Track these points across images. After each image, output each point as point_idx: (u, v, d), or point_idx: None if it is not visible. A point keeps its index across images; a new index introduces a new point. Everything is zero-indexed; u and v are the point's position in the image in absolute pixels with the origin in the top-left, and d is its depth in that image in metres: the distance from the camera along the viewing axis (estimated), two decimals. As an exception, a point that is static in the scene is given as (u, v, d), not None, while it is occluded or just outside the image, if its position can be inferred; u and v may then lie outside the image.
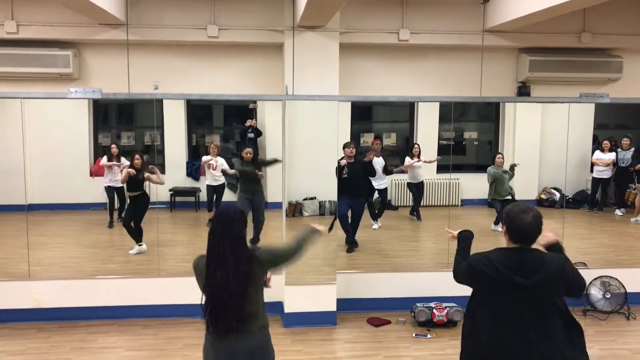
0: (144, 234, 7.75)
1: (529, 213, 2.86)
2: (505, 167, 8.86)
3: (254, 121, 10.41)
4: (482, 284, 2.91)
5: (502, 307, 2.84)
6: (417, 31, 8.94)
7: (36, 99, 8.49)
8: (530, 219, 2.84)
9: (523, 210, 2.87)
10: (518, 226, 2.85)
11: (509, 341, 2.82)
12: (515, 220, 2.86)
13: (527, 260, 2.83)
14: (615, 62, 9.82)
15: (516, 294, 2.80)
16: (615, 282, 6.27)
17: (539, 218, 2.88)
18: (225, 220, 3.02)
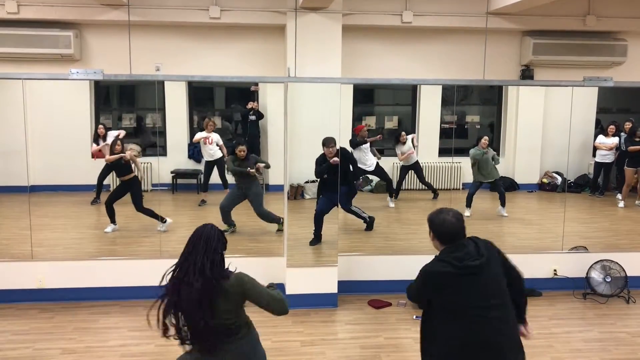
0: (150, 215, 7.77)
1: (449, 213, 3.06)
2: (491, 151, 8.82)
3: (255, 103, 10.38)
4: (440, 287, 2.96)
5: (468, 300, 2.91)
6: (421, 13, 8.88)
7: (37, 80, 8.50)
8: (451, 217, 3.03)
9: (441, 211, 3.08)
10: (442, 227, 3.02)
11: (486, 332, 2.91)
12: (436, 221, 3.05)
13: (466, 248, 2.97)
14: (619, 46, 9.75)
15: (475, 281, 2.91)
16: (616, 266, 6.29)
17: (459, 215, 3.08)
18: (200, 237, 2.97)
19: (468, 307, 2.90)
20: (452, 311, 2.94)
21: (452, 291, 2.93)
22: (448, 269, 2.94)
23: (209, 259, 2.91)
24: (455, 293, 2.92)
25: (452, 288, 2.93)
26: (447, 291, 2.94)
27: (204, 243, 2.94)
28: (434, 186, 9.95)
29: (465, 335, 2.90)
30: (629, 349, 5.14)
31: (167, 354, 4.89)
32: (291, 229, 6.07)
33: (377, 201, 9.38)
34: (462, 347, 2.91)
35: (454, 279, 2.92)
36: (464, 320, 2.91)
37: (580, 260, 6.44)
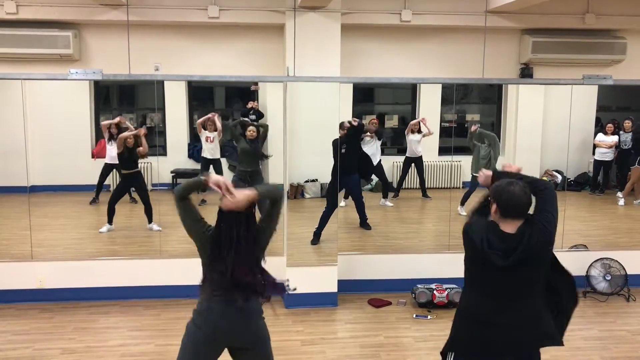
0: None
1: (516, 185, 2.88)
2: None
3: (255, 103, 10.37)
4: (470, 251, 2.95)
5: (493, 282, 2.90)
6: (420, 12, 8.86)
7: (37, 80, 8.49)
8: (518, 190, 2.86)
9: (509, 183, 2.90)
10: (508, 197, 2.86)
11: (496, 315, 2.90)
12: (503, 193, 2.87)
13: (509, 240, 2.87)
14: (618, 44, 9.73)
15: (497, 273, 2.87)
16: (616, 264, 6.29)
17: (527, 188, 2.90)
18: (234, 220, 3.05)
19: (488, 283, 2.89)
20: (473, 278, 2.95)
21: (477, 259, 2.90)
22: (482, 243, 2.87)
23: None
24: (480, 262, 2.89)
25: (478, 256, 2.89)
26: (475, 254, 2.90)
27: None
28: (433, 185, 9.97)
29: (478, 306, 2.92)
30: (629, 347, 5.14)
31: (166, 353, 4.89)
32: (291, 228, 6.07)
33: (377, 200, 9.37)
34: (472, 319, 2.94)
35: (483, 253, 2.87)
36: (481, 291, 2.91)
37: (580, 259, 6.44)
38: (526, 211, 2.90)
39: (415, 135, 9.52)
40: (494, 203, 2.92)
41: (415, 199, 9.92)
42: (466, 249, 2.99)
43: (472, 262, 2.96)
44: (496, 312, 2.89)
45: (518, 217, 2.88)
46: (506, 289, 2.89)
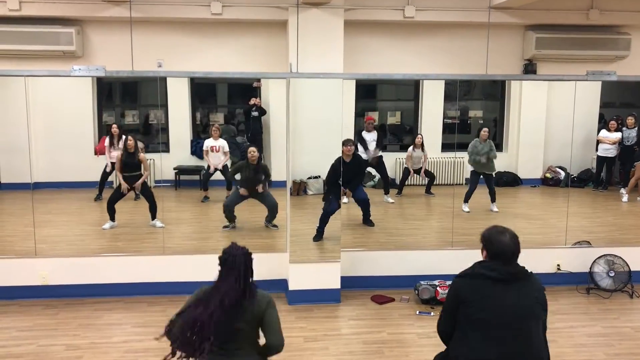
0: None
1: (506, 234, 2.94)
2: (492, 141, 8.83)
3: (258, 100, 10.38)
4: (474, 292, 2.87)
5: (498, 315, 2.83)
6: (423, 8, 8.85)
7: (40, 77, 8.49)
8: (507, 239, 2.92)
9: (500, 232, 2.96)
10: (498, 248, 2.91)
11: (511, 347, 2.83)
12: (494, 242, 2.93)
13: (514, 270, 2.90)
14: (622, 40, 9.70)
15: (512, 291, 2.85)
16: (619, 260, 6.28)
17: (516, 238, 2.96)
18: (230, 269, 3.05)
19: (493, 320, 2.83)
20: (471, 323, 2.86)
21: (480, 302, 2.85)
22: (480, 272, 2.89)
23: (242, 282, 3.05)
24: (483, 303, 2.85)
25: (481, 298, 2.85)
26: (475, 301, 2.86)
27: (236, 272, 3.05)
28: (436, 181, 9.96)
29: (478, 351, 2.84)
30: (633, 343, 5.13)
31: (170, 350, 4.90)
32: (294, 225, 6.07)
33: (380, 196, 9.37)
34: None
35: (484, 285, 2.86)
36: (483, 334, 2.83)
37: (584, 255, 6.43)
38: (515, 259, 2.94)
39: (418, 151, 9.50)
40: (483, 249, 2.99)
41: (418, 196, 9.91)
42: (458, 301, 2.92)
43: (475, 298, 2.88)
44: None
45: (508, 264, 2.92)
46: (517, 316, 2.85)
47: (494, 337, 2.82)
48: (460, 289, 2.93)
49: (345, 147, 6.92)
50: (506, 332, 2.81)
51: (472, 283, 2.90)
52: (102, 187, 9.19)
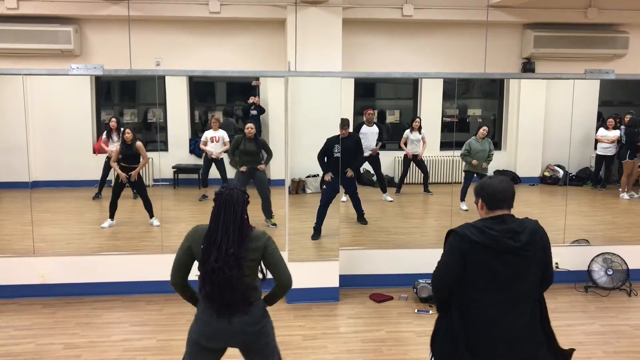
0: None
1: (496, 178, 2.93)
2: (490, 139, 8.77)
3: (256, 98, 10.37)
4: (472, 258, 2.79)
5: (496, 282, 2.78)
6: (421, 6, 8.85)
7: (38, 76, 8.48)
8: (499, 182, 2.88)
9: (490, 178, 2.95)
10: (491, 189, 2.86)
11: (509, 318, 2.80)
12: (485, 186, 2.89)
13: (511, 225, 2.82)
14: (620, 38, 9.71)
15: (509, 261, 2.77)
16: (617, 258, 6.29)
17: (509, 180, 2.93)
18: (226, 202, 2.99)
19: (487, 291, 2.78)
20: (467, 292, 2.81)
21: (475, 267, 2.78)
22: (478, 239, 2.77)
23: (237, 224, 2.99)
24: (477, 270, 2.78)
25: (475, 263, 2.78)
26: (470, 266, 2.79)
27: (231, 208, 2.99)
28: (435, 180, 9.97)
29: (477, 323, 2.80)
30: (631, 341, 5.14)
31: (169, 348, 4.91)
32: (292, 223, 6.07)
33: (377, 195, 9.38)
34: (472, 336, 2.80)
35: (482, 252, 2.77)
36: (480, 306, 2.79)
37: (582, 253, 6.44)
38: (511, 200, 2.88)
39: (415, 134, 9.49)
40: (478, 199, 2.93)
41: (416, 194, 9.92)
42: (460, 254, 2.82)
43: (475, 265, 2.80)
44: (503, 312, 2.80)
45: (506, 207, 2.87)
46: (515, 285, 2.79)
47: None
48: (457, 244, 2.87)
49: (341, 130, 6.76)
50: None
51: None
52: (102, 186, 9.17)
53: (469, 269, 2.81)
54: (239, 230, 2.98)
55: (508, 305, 2.80)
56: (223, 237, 2.96)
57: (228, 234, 2.96)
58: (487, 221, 2.85)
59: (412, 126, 9.57)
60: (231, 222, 2.97)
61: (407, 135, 9.56)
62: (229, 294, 2.97)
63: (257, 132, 8.11)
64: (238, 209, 3.00)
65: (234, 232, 2.97)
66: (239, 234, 2.98)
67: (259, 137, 7.93)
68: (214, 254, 2.95)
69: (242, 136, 7.80)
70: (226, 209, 2.98)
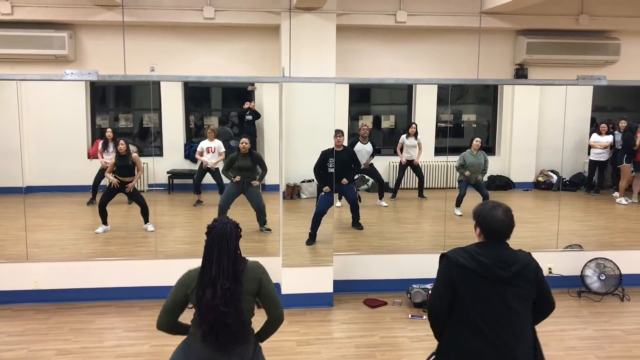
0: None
1: (499, 209, 2.86)
2: (484, 151, 8.81)
3: (252, 103, 10.39)
4: (461, 282, 2.81)
5: (485, 307, 2.78)
6: (414, 13, 8.91)
7: (32, 81, 8.47)
8: (501, 213, 2.84)
9: (493, 207, 2.88)
10: (491, 222, 2.84)
11: (495, 347, 2.79)
12: (487, 217, 2.85)
13: (505, 254, 2.82)
14: (612, 45, 9.79)
15: (498, 289, 2.77)
16: (610, 264, 6.31)
17: (510, 212, 2.88)
18: (220, 237, 2.93)
19: (475, 319, 2.78)
20: (460, 315, 2.81)
21: (463, 292, 2.79)
22: (470, 265, 2.78)
23: (231, 259, 2.93)
24: (466, 295, 2.78)
25: (464, 288, 2.79)
26: (466, 287, 2.78)
27: (225, 243, 2.93)
28: (429, 185, 10.00)
29: (469, 347, 2.80)
30: (624, 346, 5.16)
31: (162, 354, 4.90)
32: (287, 229, 6.07)
33: (374, 200, 9.40)
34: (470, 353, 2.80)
35: (471, 278, 2.78)
36: (471, 330, 2.78)
37: (575, 259, 6.46)
38: (509, 234, 2.87)
39: (412, 139, 9.52)
40: (477, 227, 2.92)
41: (411, 199, 9.94)
42: (449, 280, 2.84)
43: (464, 290, 2.81)
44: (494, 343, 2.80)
45: (502, 240, 2.87)
46: (505, 313, 2.79)
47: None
48: (449, 268, 2.87)
49: (334, 138, 6.81)
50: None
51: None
52: (95, 191, 9.15)
53: (458, 293, 2.82)
54: (233, 265, 2.92)
55: (498, 332, 2.79)
56: (217, 273, 2.89)
57: (222, 269, 2.89)
58: (479, 246, 2.86)
59: (408, 132, 9.59)
60: (225, 256, 2.91)
61: (402, 140, 9.58)
62: (226, 332, 2.91)
63: (252, 144, 8.02)
64: (232, 244, 2.93)
65: (228, 267, 2.90)
66: (232, 269, 2.92)
67: (253, 152, 7.83)
68: (209, 291, 2.89)
69: (237, 153, 7.71)
70: (219, 244, 2.92)
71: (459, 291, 2.82)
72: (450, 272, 2.84)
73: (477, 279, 2.78)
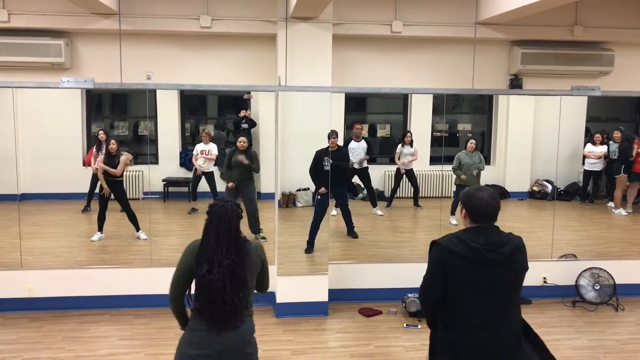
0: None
1: (484, 191, 2.89)
2: (480, 153, 8.81)
3: (248, 112, 10.41)
4: (452, 269, 2.80)
5: (477, 292, 2.79)
6: (410, 23, 8.96)
7: (28, 89, 8.49)
8: (486, 195, 2.86)
9: (478, 189, 2.91)
10: (476, 203, 2.85)
11: (493, 329, 2.82)
12: (472, 198, 2.87)
13: (494, 237, 2.83)
14: (606, 55, 9.86)
15: (490, 273, 2.78)
16: (605, 273, 6.33)
17: (495, 194, 2.90)
18: (220, 214, 2.94)
19: (468, 304, 2.80)
20: (452, 302, 2.82)
21: (454, 278, 2.79)
22: (461, 251, 2.77)
23: (232, 237, 2.95)
24: (457, 281, 2.78)
25: (454, 274, 2.79)
26: (457, 273, 2.78)
27: (226, 221, 2.94)
28: (424, 194, 10.01)
29: (461, 336, 2.82)
30: (618, 356, 5.17)
31: None
32: (282, 237, 6.07)
33: (368, 208, 9.41)
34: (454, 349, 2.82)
35: (461, 263, 2.77)
36: (464, 316, 2.80)
37: (570, 268, 6.48)
38: (495, 215, 2.88)
39: (408, 148, 9.54)
40: (463, 208, 2.92)
41: (406, 208, 9.95)
42: (439, 265, 2.84)
43: (454, 276, 2.81)
44: (488, 318, 2.83)
45: (487, 221, 2.87)
46: (496, 294, 2.81)
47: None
48: (440, 254, 2.87)
49: (330, 140, 6.81)
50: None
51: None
52: (90, 198, 9.12)
53: (449, 280, 2.82)
54: (234, 243, 2.94)
55: (490, 314, 2.81)
56: (216, 249, 2.90)
57: (221, 246, 2.91)
58: (469, 232, 2.85)
59: (403, 141, 9.61)
60: (225, 234, 2.93)
61: (399, 150, 9.61)
62: (221, 308, 2.92)
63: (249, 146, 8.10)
64: (232, 222, 2.96)
65: (228, 245, 2.92)
66: (234, 247, 2.94)
67: (251, 150, 7.93)
68: (205, 266, 2.90)
69: (235, 149, 7.78)
70: (219, 221, 2.93)
71: (449, 277, 2.82)
72: (441, 258, 2.83)
73: (468, 264, 2.78)
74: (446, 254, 2.82)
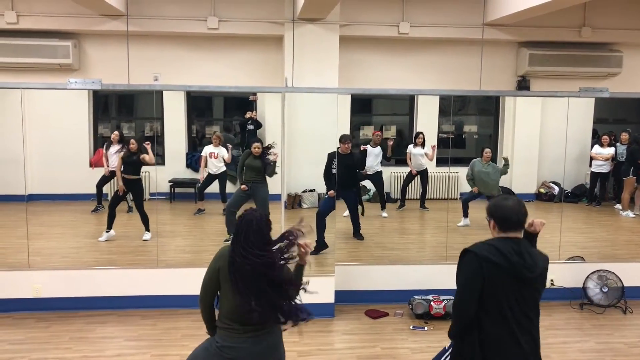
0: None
1: (509, 199, 2.91)
2: (495, 164, 8.71)
3: (254, 113, 10.42)
4: (491, 280, 2.76)
5: (508, 304, 2.77)
6: (417, 24, 8.95)
7: (36, 90, 8.52)
8: (512, 203, 2.87)
9: (504, 198, 2.93)
10: (503, 212, 2.85)
11: (518, 343, 2.80)
12: (499, 207, 2.88)
13: (525, 251, 2.81)
14: (615, 57, 9.82)
15: (522, 289, 2.78)
16: (613, 276, 6.29)
17: (521, 202, 2.92)
18: (250, 221, 3.01)
19: (496, 316, 2.77)
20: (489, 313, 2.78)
21: (489, 289, 2.75)
22: (497, 260, 2.73)
23: (262, 234, 3.02)
24: (490, 291, 2.75)
25: (490, 284, 2.74)
26: (492, 283, 2.74)
27: (254, 224, 3.01)
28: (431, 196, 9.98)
29: (489, 348, 2.79)
30: (626, 359, 5.13)
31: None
32: (288, 239, 6.06)
33: (375, 210, 9.39)
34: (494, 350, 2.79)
35: (498, 274, 2.73)
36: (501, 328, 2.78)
37: (577, 271, 6.45)
38: (524, 221, 2.90)
39: (419, 149, 9.50)
40: (491, 219, 2.91)
41: (413, 210, 9.93)
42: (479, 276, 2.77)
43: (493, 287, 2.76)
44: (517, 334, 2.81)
45: (517, 229, 2.87)
46: (524, 307, 2.81)
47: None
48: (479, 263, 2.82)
49: (342, 145, 6.81)
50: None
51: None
52: (100, 197, 9.12)
53: (487, 291, 2.78)
54: (263, 240, 3.01)
55: (516, 328, 2.80)
56: (246, 247, 2.96)
57: (250, 243, 2.97)
58: (505, 242, 2.82)
59: (415, 142, 9.56)
60: (253, 233, 2.99)
61: (410, 150, 9.57)
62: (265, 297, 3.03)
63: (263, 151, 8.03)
64: (262, 226, 3.02)
65: (257, 242, 2.98)
66: (262, 243, 3.00)
67: (266, 157, 7.83)
68: (239, 259, 2.96)
69: (249, 153, 7.71)
70: (247, 225, 3.00)
71: (487, 289, 2.77)
72: (481, 267, 2.76)
73: (505, 276, 2.76)
74: (485, 264, 2.76)
